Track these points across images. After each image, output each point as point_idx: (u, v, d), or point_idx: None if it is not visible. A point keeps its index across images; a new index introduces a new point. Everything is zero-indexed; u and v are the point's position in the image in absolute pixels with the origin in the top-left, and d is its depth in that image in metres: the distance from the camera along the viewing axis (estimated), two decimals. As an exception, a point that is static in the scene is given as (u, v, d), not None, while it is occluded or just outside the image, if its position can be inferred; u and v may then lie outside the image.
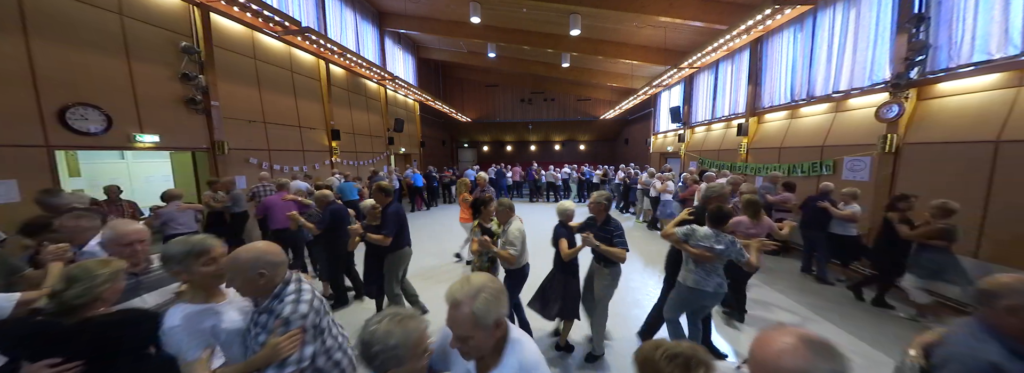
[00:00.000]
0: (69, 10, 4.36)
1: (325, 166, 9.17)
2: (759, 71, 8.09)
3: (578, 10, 8.64)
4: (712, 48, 7.98)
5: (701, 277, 2.78)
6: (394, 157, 13.37)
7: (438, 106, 15.91)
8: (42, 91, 4.10)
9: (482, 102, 20.77)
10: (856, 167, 5.44)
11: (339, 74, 10.00)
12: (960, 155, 4.14)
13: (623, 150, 20.41)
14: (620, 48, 11.37)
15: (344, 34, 10.11)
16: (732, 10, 7.62)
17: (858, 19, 5.49)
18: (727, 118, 9.67)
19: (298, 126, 8.28)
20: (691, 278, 2.81)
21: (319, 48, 8.12)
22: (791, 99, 7.10)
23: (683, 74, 10.87)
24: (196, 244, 1.48)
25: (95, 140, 4.58)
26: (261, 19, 6.38)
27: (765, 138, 7.80)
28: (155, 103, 5.27)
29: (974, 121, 4.09)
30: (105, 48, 4.71)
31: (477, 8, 8.69)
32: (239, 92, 6.69)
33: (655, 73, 11.89)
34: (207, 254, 1.48)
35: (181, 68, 5.55)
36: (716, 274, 2.78)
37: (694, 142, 11.56)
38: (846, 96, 5.79)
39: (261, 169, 7.07)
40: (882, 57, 5.15)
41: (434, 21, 12.01)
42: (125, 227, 1.79)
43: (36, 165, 4.07)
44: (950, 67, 4.36)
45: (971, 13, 4.10)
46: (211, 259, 1.48)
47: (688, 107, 12.13)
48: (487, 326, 1.11)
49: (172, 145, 5.57)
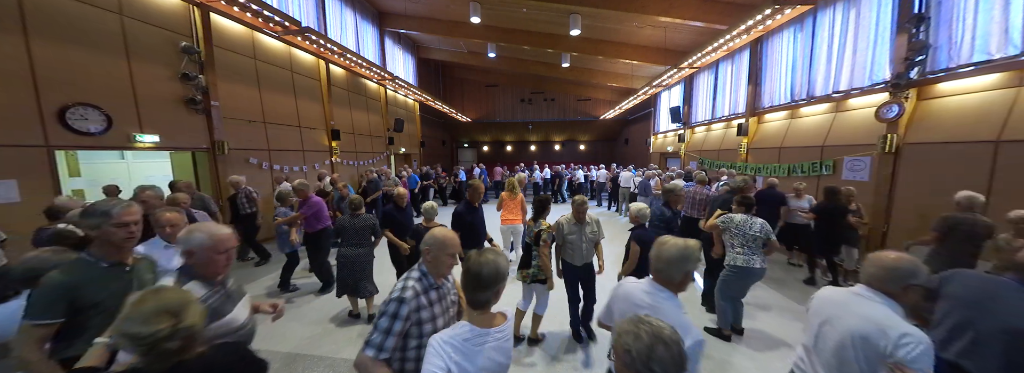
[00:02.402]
0: (69, 10, 4.36)
1: (325, 166, 9.17)
2: (759, 71, 8.09)
3: (578, 10, 8.64)
4: (712, 48, 7.98)
5: (748, 256, 3.21)
6: (394, 157, 13.36)
7: (438, 106, 15.90)
8: (42, 91, 4.10)
9: (482, 102, 20.77)
10: (856, 167, 5.44)
11: (339, 74, 10.00)
12: (960, 155, 4.15)
13: (623, 150, 20.41)
14: (620, 48, 11.37)
15: (344, 34, 10.11)
16: (732, 10, 7.62)
17: (858, 19, 5.49)
18: (727, 118, 9.67)
19: (298, 126, 8.28)
20: (740, 258, 3.24)
21: (319, 48, 8.12)
22: (791, 99, 7.10)
23: (683, 74, 10.87)
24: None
25: (95, 140, 4.58)
26: (261, 19, 6.38)
27: (765, 138, 7.80)
28: (155, 103, 5.27)
29: (974, 121, 4.09)
30: (105, 48, 4.71)
31: (477, 8, 8.69)
32: (239, 92, 6.69)
33: (655, 73, 11.90)
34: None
35: (181, 68, 5.55)
36: (757, 254, 3.24)
37: (694, 142, 11.56)
38: (846, 96, 5.79)
39: (260, 169, 7.09)
40: (882, 57, 5.15)
41: (434, 21, 12.01)
42: (220, 231, 1.53)
43: (36, 165, 4.07)
44: (950, 67, 4.36)
45: (971, 13, 4.10)
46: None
47: (688, 107, 12.14)
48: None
49: (172, 145, 5.57)
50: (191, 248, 1.48)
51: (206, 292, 1.49)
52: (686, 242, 1.55)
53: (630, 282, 1.70)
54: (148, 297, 1.05)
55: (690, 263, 1.53)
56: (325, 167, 9.11)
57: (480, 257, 1.40)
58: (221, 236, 1.51)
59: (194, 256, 1.49)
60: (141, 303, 1.03)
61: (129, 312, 1.02)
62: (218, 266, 1.52)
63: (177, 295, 1.10)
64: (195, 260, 1.49)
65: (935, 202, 4.31)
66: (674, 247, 1.53)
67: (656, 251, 1.58)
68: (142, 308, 1.01)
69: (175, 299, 1.07)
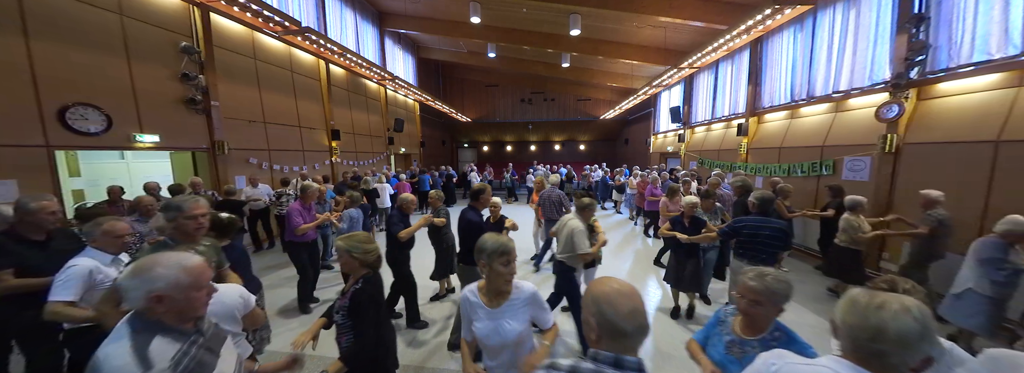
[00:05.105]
0: (69, 10, 4.36)
1: (325, 166, 9.18)
2: (759, 71, 8.09)
3: (578, 10, 8.64)
4: (712, 48, 7.98)
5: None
6: (394, 157, 13.37)
7: (438, 106, 15.91)
8: (42, 91, 4.10)
9: (482, 102, 20.76)
10: (856, 167, 5.44)
11: (339, 74, 10.00)
12: (960, 155, 4.15)
13: (623, 150, 20.42)
14: (620, 48, 11.37)
15: (344, 34, 10.11)
16: (732, 10, 7.62)
17: (858, 19, 5.49)
18: (727, 118, 9.67)
19: (298, 126, 8.28)
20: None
21: (319, 48, 8.12)
22: (791, 99, 7.10)
23: (683, 74, 10.87)
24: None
25: (95, 140, 4.58)
26: (261, 19, 6.38)
27: (765, 138, 7.80)
28: (155, 103, 5.26)
29: (974, 121, 4.09)
30: (105, 48, 4.71)
31: (477, 8, 8.69)
32: (239, 92, 6.69)
33: (655, 73, 11.90)
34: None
35: (181, 68, 5.55)
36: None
37: (694, 142, 11.56)
38: (846, 96, 5.79)
39: (260, 168, 7.09)
40: (882, 57, 5.15)
41: (434, 21, 12.01)
42: (190, 261, 1.17)
43: (36, 165, 4.07)
44: (950, 67, 4.36)
45: (971, 13, 4.10)
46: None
47: (688, 107, 12.13)
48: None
49: (172, 145, 5.57)
50: (159, 292, 1.05)
51: (181, 345, 1.11)
52: (918, 304, 0.95)
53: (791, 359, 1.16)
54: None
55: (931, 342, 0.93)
56: (325, 167, 9.12)
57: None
58: (197, 266, 1.15)
59: (165, 301, 1.07)
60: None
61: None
62: (198, 307, 1.15)
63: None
64: (166, 307, 1.08)
65: (935, 202, 4.33)
66: (907, 313, 0.92)
67: (865, 318, 0.95)
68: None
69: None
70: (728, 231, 3.30)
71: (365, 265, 1.85)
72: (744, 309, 1.58)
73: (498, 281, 1.65)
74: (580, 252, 3.14)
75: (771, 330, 1.57)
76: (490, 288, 1.69)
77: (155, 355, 1.03)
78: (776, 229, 3.12)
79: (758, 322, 1.58)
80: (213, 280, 1.27)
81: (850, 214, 4.09)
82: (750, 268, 1.61)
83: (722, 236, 3.35)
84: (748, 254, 3.19)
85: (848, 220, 4.06)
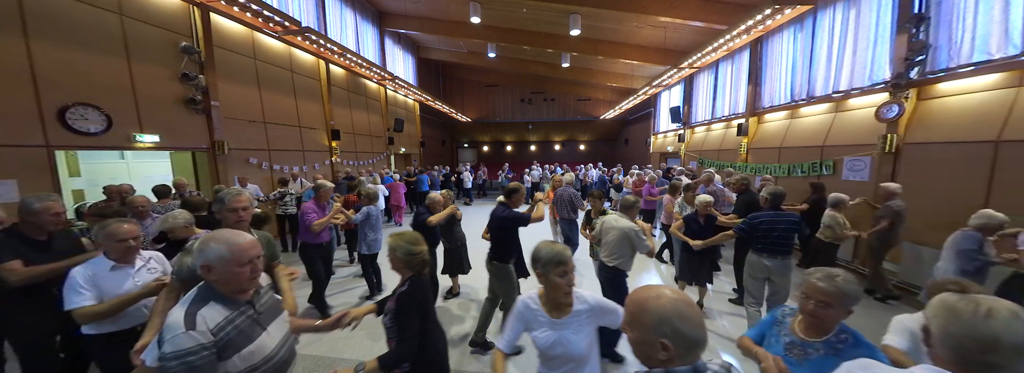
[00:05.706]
0: (69, 10, 4.36)
1: (325, 166, 9.18)
2: (759, 71, 8.09)
3: (578, 10, 8.64)
4: (712, 48, 7.98)
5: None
6: (394, 157, 13.37)
7: (438, 106, 15.90)
8: (42, 91, 4.10)
9: (482, 102, 20.76)
10: (856, 167, 5.44)
11: (339, 74, 10.00)
12: (960, 155, 4.14)
13: (623, 150, 20.41)
14: (620, 48, 11.37)
15: (344, 34, 10.11)
16: (732, 10, 7.62)
17: (858, 19, 5.49)
18: (727, 118, 9.67)
19: (298, 126, 8.27)
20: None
21: (319, 48, 8.12)
22: (791, 99, 7.10)
23: (683, 74, 10.87)
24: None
25: (95, 140, 4.58)
26: (261, 19, 6.38)
27: (765, 138, 7.80)
28: (155, 103, 5.26)
29: (974, 121, 4.09)
30: (105, 48, 4.71)
31: (477, 8, 8.69)
32: (239, 92, 6.69)
33: (655, 73, 11.90)
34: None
35: (181, 68, 5.55)
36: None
37: (694, 142, 11.56)
38: (846, 96, 5.79)
39: (261, 168, 7.09)
40: (882, 57, 5.15)
41: (434, 21, 12.01)
42: (239, 239, 1.31)
43: (36, 165, 4.07)
44: (950, 67, 4.36)
45: (971, 13, 4.10)
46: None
47: (688, 107, 12.13)
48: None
49: (172, 145, 5.57)
50: (208, 262, 1.27)
51: (229, 313, 1.29)
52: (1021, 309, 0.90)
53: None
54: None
55: None
56: (325, 167, 9.12)
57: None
58: (241, 245, 1.30)
59: (213, 271, 1.28)
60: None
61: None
62: (242, 281, 1.31)
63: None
64: (215, 276, 1.29)
65: (935, 202, 4.33)
66: (1018, 320, 0.86)
67: (974, 328, 0.88)
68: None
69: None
70: (746, 228, 3.25)
71: (409, 267, 1.76)
72: (811, 311, 1.50)
73: (556, 294, 1.56)
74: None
75: (837, 332, 1.49)
76: (549, 299, 1.60)
77: (201, 318, 1.22)
78: (792, 222, 3.17)
79: (825, 324, 1.51)
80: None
81: (833, 211, 4.20)
82: (816, 269, 1.52)
83: (741, 233, 3.28)
84: (768, 249, 3.17)
85: (834, 217, 4.15)
